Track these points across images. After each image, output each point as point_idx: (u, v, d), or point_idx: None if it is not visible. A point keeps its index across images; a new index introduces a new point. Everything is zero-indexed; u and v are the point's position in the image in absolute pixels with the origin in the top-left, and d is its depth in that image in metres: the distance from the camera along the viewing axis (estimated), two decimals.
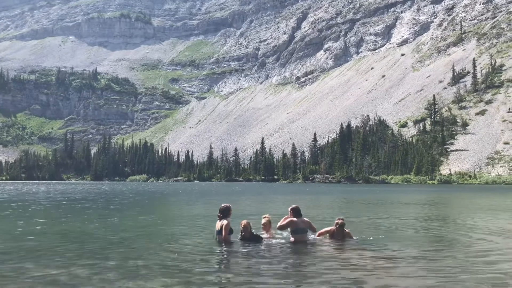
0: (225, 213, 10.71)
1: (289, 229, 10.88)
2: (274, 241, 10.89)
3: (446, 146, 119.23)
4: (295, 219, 10.82)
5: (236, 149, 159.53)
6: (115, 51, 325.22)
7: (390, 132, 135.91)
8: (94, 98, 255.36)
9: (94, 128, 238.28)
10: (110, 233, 13.01)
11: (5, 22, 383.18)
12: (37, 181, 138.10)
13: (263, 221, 11.50)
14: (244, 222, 10.76)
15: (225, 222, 10.50)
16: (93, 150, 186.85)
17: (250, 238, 10.61)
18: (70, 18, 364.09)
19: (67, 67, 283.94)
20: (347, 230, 11.14)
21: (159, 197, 39.69)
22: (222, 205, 10.88)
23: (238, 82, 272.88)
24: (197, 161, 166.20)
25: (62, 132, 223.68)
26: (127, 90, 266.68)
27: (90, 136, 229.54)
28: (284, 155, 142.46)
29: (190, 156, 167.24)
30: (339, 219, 11.15)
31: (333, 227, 11.02)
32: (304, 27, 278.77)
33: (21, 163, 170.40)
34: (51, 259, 8.91)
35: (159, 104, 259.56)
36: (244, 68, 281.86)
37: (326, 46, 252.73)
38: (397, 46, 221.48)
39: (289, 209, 11.10)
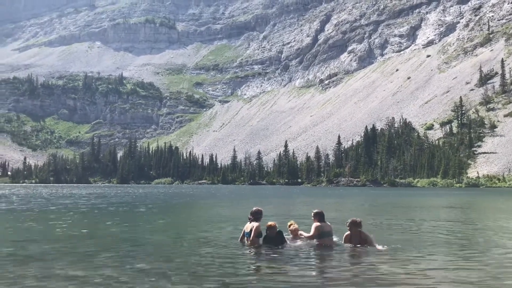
0: (256, 216, 10.87)
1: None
2: (299, 243, 10.97)
3: (474, 149, 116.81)
4: (320, 223, 10.86)
5: (259, 152, 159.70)
6: (140, 56, 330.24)
7: (415, 134, 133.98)
8: (120, 103, 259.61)
9: (120, 132, 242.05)
10: (157, 236, 13.31)
11: (35, 29, 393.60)
12: (65, 184, 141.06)
13: (289, 227, 11.57)
14: (271, 222, 10.86)
15: (255, 224, 10.65)
16: (119, 154, 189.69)
17: (276, 237, 10.66)
18: (96, 24, 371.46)
19: (93, 72, 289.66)
20: (365, 233, 10.81)
21: (193, 200, 40.12)
22: (254, 208, 11.05)
23: (261, 86, 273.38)
24: (221, 164, 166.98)
25: (89, 136, 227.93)
26: (152, 95, 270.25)
27: (116, 140, 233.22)
28: (308, 158, 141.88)
29: (214, 160, 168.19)
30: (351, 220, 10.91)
31: (348, 232, 10.88)
32: (327, 30, 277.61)
33: (50, 166, 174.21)
34: (89, 262, 9.19)
35: (183, 108, 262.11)
36: (267, 71, 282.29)
37: (350, 48, 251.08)
38: (423, 48, 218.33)
39: (312, 213, 11.13)
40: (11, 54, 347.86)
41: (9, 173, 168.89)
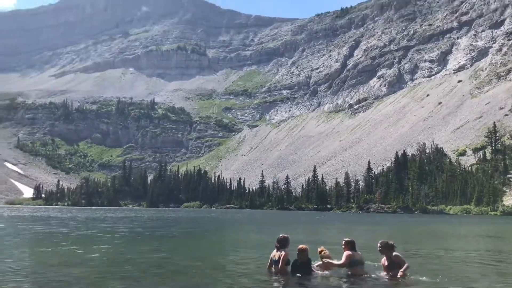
0: (283, 243, 10.80)
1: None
2: (329, 272, 10.90)
3: (509, 176, 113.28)
4: (351, 252, 10.83)
5: (287, 177, 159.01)
6: (171, 82, 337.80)
7: (447, 160, 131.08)
8: (151, 127, 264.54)
9: (151, 156, 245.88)
10: (187, 261, 13.56)
11: (71, 56, 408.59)
12: (97, 207, 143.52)
13: (320, 253, 11.55)
14: (302, 246, 10.83)
15: (283, 252, 10.62)
16: (150, 177, 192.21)
17: (304, 264, 10.63)
18: (130, 51, 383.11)
19: (126, 97, 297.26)
20: (400, 256, 10.59)
21: (223, 225, 40.35)
22: (280, 235, 11.00)
23: (289, 110, 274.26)
24: (249, 189, 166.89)
25: (120, 159, 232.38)
26: (182, 119, 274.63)
27: (147, 163, 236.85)
28: (337, 183, 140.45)
29: (242, 184, 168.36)
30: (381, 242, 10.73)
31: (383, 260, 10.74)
32: (356, 55, 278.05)
33: (82, 189, 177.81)
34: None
35: (212, 132, 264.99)
36: (296, 96, 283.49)
37: (379, 73, 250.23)
38: (454, 73, 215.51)
39: (343, 242, 11.10)
40: (49, 80, 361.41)
41: (43, 195, 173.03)
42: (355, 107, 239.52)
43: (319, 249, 11.59)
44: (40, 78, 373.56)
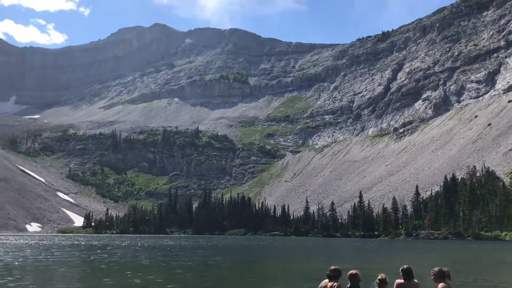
0: (336, 273, 10.82)
1: None
2: None
3: None
4: (401, 281, 10.64)
5: (332, 203, 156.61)
6: (215, 110, 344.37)
7: (500, 184, 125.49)
8: (196, 155, 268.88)
9: (195, 183, 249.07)
10: None
11: (119, 88, 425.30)
12: (144, 235, 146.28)
13: (380, 281, 11.26)
14: (353, 271, 10.78)
15: (336, 284, 10.61)
16: (195, 205, 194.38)
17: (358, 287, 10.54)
18: (175, 82, 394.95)
19: (172, 126, 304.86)
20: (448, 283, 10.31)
21: (272, 254, 40.34)
22: (333, 266, 11.01)
23: (332, 135, 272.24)
24: (293, 216, 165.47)
25: (166, 187, 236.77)
26: (226, 146, 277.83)
27: (192, 191, 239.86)
28: (384, 209, 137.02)
29: (286, 210, 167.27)
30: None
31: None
32: (400, 78, 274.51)
33: (130, 217, 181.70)
34: None
35: (255, 159, 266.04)
36: (339, 121, 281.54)
37: (424, 95, 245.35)
38: (503, 93, 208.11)
39: (400, 270, 10.95)
40: (98, 112, 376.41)
41: (92, 224, 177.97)
42: (400, 130, 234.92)
43: (379, 277, 11.35)
44: (90, 110, 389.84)
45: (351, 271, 10.76)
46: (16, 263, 31.17)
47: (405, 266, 10.89)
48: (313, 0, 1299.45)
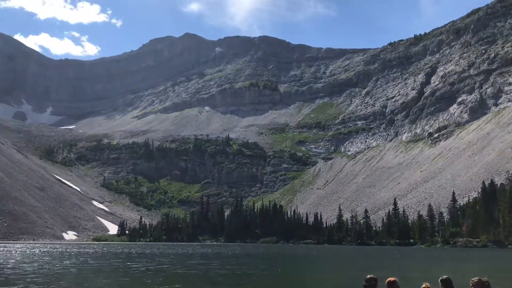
0: (372, 283, 10.26)
1: None
2: None
3: None
4: None
5: (366, 211, 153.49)
6: (245, 118, 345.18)
7: None
8: (226, 163, 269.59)
9: (227, 191, 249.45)
10: None
11: (151, 98, 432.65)
12: (177, 243, 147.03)
13: None
14: (391, 278, 10.21)
15: None
16: (226, 213, 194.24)
17: None
18: (205, 91, 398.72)
19: (203, 135, 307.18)
20: None
21: (311, 262, 39.31)
22: (368, 276, 10.42)
23: (365, 141, 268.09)
24: (326, 223, 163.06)
25: (198, 195, 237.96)
26: (256, 154, 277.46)
27: (224, 199, 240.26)
28: (420, 216, 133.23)
29: (318, 218, 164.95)
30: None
31: None
32: (433, 82, 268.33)
33: (163, 225, 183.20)
34: None
35: (286, 166, 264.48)
36: (371, 126, 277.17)
37: (459, 99, 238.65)
38: None
39: (439, 280, 10.16)
40: (131, 121, 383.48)
41: (127, 232, 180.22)
42: (435, 135, 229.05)
43: (424, 285, 10.57)
44: (123, 120, 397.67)
45: (389, 279, 10.19)
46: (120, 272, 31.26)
47: (445, 277, 10.13)
48: (343, 5, 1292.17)
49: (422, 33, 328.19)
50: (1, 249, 75.71)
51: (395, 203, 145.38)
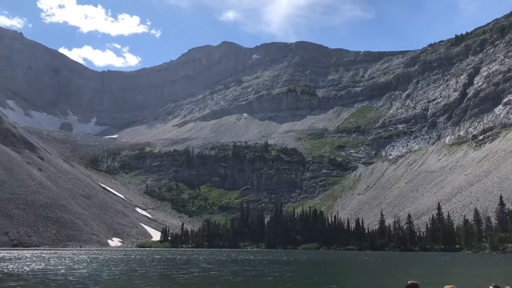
0: None
1: None
2: None
3: None
4: None
5: (409, 216, 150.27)
6: (283, 123, 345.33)
7: None
8: (265, 169, 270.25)
9: (266, 197, 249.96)
10: None
11: (191, 106, 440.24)
12: (219, 249, 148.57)
13: None
14: (413, 281, 10.39)
15: None
16: (266, 219, 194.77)
17: None
18: (243, 98, 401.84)
19: (241, 141, 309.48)
20: None
21: (357, 268, 39.27)
22: (409, 281, 10.63)
23: (407, 145, 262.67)
24: (368, 229, 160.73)
25: (238, 201, 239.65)
26: (295, 160, 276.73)
27: (263, 205, 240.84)
28: (466, 221, 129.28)
29: (360, 224, 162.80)
30: None
31: None
32: (477, 82, 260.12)
33: (204, 232, 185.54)
34: None
35: (326, 171, 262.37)
36: (413, 130, 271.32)
37: (505, 100, 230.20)
38: None
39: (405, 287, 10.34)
40: (172, 129, 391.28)
41: (169, 238, 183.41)
42: (480, 137, 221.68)
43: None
44: (164, 129, 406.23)
45: (409, 282, 10.39)
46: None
47: (493, 284, 10.15)
48: (381, 7, 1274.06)
49: (464, 32, 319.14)
50: (52, 255, 78.94)
51: (439, 208, 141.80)
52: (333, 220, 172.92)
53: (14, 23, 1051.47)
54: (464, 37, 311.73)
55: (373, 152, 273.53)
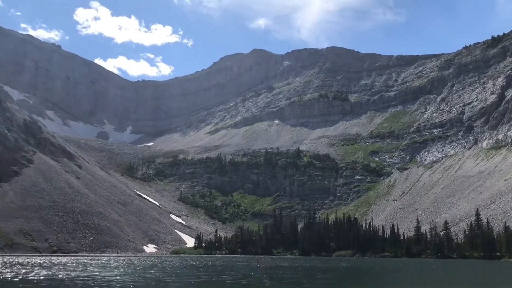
0: None
1: None
2: None
3: None
4: None
5: (446, 222, 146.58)
6: (315, 129, 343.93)
7: None
8: (298, 175, 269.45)
9: (299, 204, 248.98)
10: None
11: (223, 114, 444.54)
12: (252, 256, 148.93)
13: None
14: None
15: None
16: (299, 225, 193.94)
17: None
18: (274, 104, 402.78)
19: (273, 148, 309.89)
20: None
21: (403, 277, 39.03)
22: None
23: (442, 150, 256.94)
24: (403, 236, 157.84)
25: (271, 208, 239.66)
26: (328, 166, 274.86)
27: (296, 211, 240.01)
28: (506, 228, 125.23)
29: (395, 231, 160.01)
30: None
31: None
32: None
33: (237, 238, 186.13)
34: None
35: (360, 177, 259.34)
36: (449, 134, 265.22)
37: None
38: None
39: None
40: (204, 137, 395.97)
41: (203, 244, 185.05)
42: None
43: None
44: (197, 136, 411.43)
45: None
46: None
47: None
48: (413, 10, 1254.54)
49: (501, 34, 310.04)
50: (91, 261, 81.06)
51: (477, 214, 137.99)
52: (367, 226, 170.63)
53: (52, 35, 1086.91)
54: (501, 38, 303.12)
55: (408, 158, 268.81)
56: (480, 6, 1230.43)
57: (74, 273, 45.70)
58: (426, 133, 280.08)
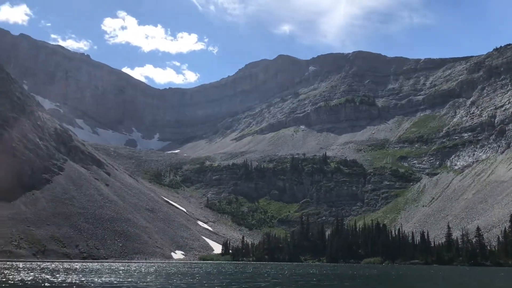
0: None
1: None
2: None
3: None
4: None
5: (478, 229, 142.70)
6: (342, 135, 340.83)
7: None
8: (325, 181, 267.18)
9: (326, 210, 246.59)
10: None
11: (248, 120, 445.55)
12: (279, 263, 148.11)
13: None
14: None
15: None
16: (327, 232, 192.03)
17: None
18: (300, 110, 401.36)
19: (299, 154, 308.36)
20: None
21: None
22: None
23: (473, 154, 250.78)
24: (434, 243, 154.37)
25: (298, 215, 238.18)
26: (355, 172, 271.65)
27: (323, 218, 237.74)
28: None
29: (425, 237, 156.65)
30: None
31: None
32: None
33: (264, 245, 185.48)
34: None
35: (388, 183, 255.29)
36: (479, 138, 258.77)
37: None
38: None
39: None
40: (230, 143, 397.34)
41: (230, 251, 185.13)
42: None
43: None
44: (223, 143, 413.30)
45: None
46: None
47: None
48: (441, 12, 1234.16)
49: None
50: (122, 268, 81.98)
51: (511, 220, 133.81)
52: (396, 233, 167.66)
53: (81, 45, 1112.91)
54: None
55: (438, 163, 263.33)
56: (508, 6, 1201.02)
57: (129, 279, 46.21)
58: (456, 137, 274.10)
